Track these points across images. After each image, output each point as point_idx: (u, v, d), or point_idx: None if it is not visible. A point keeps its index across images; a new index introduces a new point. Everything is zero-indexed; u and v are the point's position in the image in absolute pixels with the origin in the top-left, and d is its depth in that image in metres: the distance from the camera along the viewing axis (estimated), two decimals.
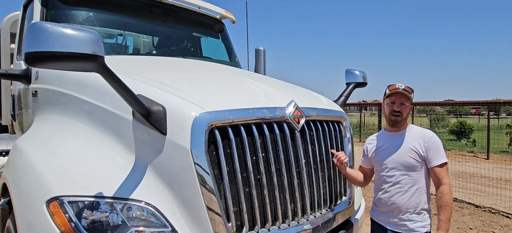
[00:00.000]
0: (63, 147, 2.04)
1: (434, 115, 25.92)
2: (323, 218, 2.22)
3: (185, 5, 3.85)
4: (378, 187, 2.49)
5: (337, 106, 2.77)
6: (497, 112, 37.07)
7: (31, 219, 1.70)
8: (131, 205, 1.67)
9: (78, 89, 2.31)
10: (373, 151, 2.54)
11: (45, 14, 2.98)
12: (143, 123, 1.79)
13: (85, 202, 1.63)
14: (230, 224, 1.73)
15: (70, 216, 1.59)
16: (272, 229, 1.92)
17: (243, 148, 1.83)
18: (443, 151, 2.31)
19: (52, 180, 1.73)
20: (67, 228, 1.57)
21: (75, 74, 2.30)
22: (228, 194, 1.73)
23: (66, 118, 2.36)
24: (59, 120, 2.41)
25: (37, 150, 2.05)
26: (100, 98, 2.10)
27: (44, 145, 2.13)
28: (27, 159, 1.98)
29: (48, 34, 1.33)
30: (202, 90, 2.11)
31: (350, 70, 3.38)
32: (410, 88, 2.38)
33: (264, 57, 4.37)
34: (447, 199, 2.22)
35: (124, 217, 1.63)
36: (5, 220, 2.20)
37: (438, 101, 12.52)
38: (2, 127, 4.86)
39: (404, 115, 2.39)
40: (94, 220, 1.61)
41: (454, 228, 4.95)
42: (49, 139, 2.22)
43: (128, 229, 1.60)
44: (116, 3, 3.37)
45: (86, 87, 2.25)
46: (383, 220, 2.45)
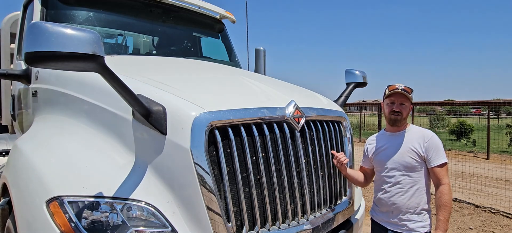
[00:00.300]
0: (63, 147, 2.04)
1: (434, 115, 25.91)
2: (323, 218, 2.22)
3: (185, 5, 3.85)
4: (378, 187, 2.49)
5: (337, 106, 2.77)
6: (497, 112, 37.07)
7: (31, 219, 1.70)
8: (131, 205, 1.67)
9: (78, 89, 2.31)
10: (373, 151, 2.54)
11: (45, 14, 2.98)
12: (143, 123, 1.79)
13: (85, 202, 1.63)
14: (230, 224, 1.73)
15: (70, 216, 1.59)
16: (272, 229, 1.92)
17: (243, 148, 1.83)
18: (443, 151, 2.31)
19: (52, 180, 1.73)
20: (67, 228, 1.57)
21: (75, 74, 2.30)
22: (228, 194, 1.73)
23: (66, 118, 2.36)
24: (59, 120, 2.41)
25: (37, 150, 2.05)
26: (100, 98, 2.10)
27: (44, 145, 2.13)
28: (27, 159, 1.98)
29: (48, 34, 1.33)
30: (202, 90, 2.11)
31: (350, 70, 3.38)
32: (410, 88, 2.38)
33: (264, 57, 4.37)
34: (447, 199, 2.22)
35: (124, 217, 1.63)
36: (5, 220, 2.20)
37: (438, 101, 12.53)
38: (2, 127, 4.86)
39: (404, 115, 2.39)
40: (94, 220, 1.61)
41: (454, 228, 4.95)
42: (49, 139, 2.22)
43: (128, 229, 1.60)
44: (116, 3, 3.37)
45: (86, 87, 2.25)
46: (383, 220, 2.45)
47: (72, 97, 2.34)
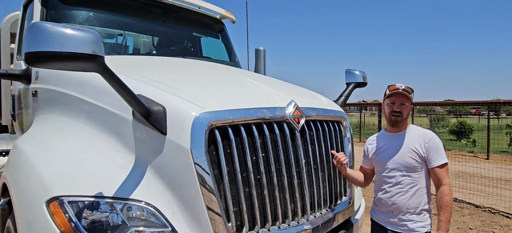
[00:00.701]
0: (63, 147, 2.04)
1: (434, 116, 25.91)
2: (323, 218, 2.22)
3: (185, 5, 3.85)
4: (378, 187, 2.49)
5: (337, 106, 2.77)
6: (497, 113, 37.07)
7: (31, 219, 1.70)
8: (131, 205, 1.67)
9: (78, 89, 2.31)
10: (374, 151, 2.54)
11: (45, 14, 2.98)
12: (143, 123, 1.79)
13: (85, 202, 1.63)
14: (230, 224, 1.73)
15: (70, 216, 1.59)
16: (272, 229, 1.92)
17: (243, 148, 1.83)
18: (443, 152, 2.31)
19: (52, 180, 1.73)
20: (67, 228, 1.57)
21: (75, 74, 2.30)
22: (228, 194, 1.73)
23: (66, 118, 2.36)
24: (59, 120, 2.41)
25: (37, 150, 2.05)
26: (100, 98, 2.10)
27: (44, 145, 2.12)
28: (27, 159, 1.98)
29: (48, 34, 1.33)
30: (202, 90, 2.11)
31: (350, 70, 3.38)
32: (410, 89, 2.38)
33: (264, 57, 4.37)
34: (447, 199, 2.22)
35: (124, 217, 1.63)
36: (5, 220, 2.20)
37: (438, 101, 12.52)
38: (2, 127, 4.86)
39: (404, 115, 2.39)
40: (94, 220, 1.61)
41: (454, 228, 4.95)
42: (49, 138, 2.22)
43: (128, 229, 1.60)
44: (116, 3, 3.37)
45: (86, 87, 2.25)
46: (383, 220, 2.45)
47: (72, 97, 2.34)
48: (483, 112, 33.28)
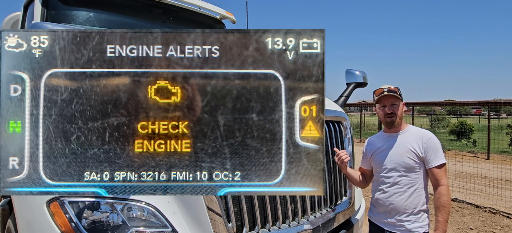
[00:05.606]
0: None
1: (434, 116, 25.90)
2: (323, 218, 2.22)
3: (185, 5, 3.85)
4: (376, 187, 2.49)
5: (337, 107, 2.77)
6: (498, 113, 37.05)
7: (31, 219, 1.71)
8: (132, 205, 1.67)
9: None
10: (372, 152, 2.53)
11: (46, 14, 2.98)
12: None
13: (86, 202, 1.64)
14: (230, 224, 1.73)
15: (71, 216, 1.59)
16: (272, 229, 1.92)
17: None
18: (441, 152, 2.30)
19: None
20: (67, 228, 1.57)
21: None
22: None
23: None
24: None
25: None
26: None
27: None
28: None
29: None
30: None
31: (350, 71, 3.38)
32: (396, 87, 2.38)
33: None
34: (445, 200, 2.21)
35: (125, 217, 1.63)
36: (5, 220, 2.20)
37: (438, 102, 12.52)
38: None
39: (398, 114, 2.38)
40: (95, 220, 1.61)
41: (455, 228, 4.95)
42: None
43: (129, 229, 1.60)
44: (116, 3, 3.37)
45: None
46: (380, 221, 2.44)
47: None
48: (484, 113, 33.27)
